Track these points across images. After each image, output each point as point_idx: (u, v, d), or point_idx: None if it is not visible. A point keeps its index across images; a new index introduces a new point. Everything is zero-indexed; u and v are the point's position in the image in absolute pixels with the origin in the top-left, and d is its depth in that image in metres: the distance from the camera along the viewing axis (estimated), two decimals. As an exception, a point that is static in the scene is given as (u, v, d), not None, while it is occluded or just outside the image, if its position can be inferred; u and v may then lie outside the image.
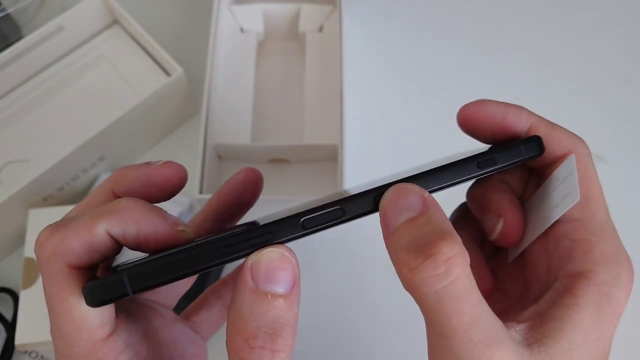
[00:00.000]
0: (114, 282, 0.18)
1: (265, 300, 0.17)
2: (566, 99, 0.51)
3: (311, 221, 0.19)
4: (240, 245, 0.19)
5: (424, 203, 0.19)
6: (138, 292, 0.18)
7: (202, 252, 0.18)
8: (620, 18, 0.54)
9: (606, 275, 0.21)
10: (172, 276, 0.18)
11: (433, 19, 0.54)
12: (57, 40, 0.47)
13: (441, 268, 0.17)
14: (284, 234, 0.19)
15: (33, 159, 0.44)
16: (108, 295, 0.18)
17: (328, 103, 0.47)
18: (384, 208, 0.19)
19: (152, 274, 0.18)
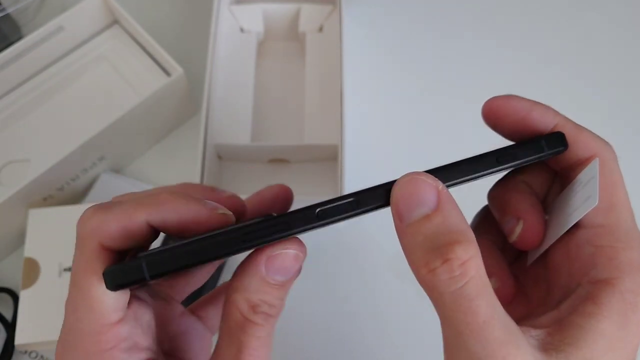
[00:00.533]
0: (132, 267, 0.19)
1: (269, 286, 0.21)
2: (566, 99, 0.50)
3: (326, 212, 0.20)
4: (258, 234, 0.19)
5: (439, 198, 0.19)
6: (155, 277, 0.19)
7: (220, 241, 0.19)
8: (622, 18, 0.54)
9: (632, 284, 0.20)
10: (190, 262, 0.19)
11: (433, 19, 0.54)
12: (57, 40, 0.47)
13: (457, 271, 0.18)
14: (299, 224, 0.20)
15: (33, 159, 0.44)
16: (126, 279, 0.19)
17: (328, 103, 0.47)
18: (396, 199, 0.20)
19: (169, 260, 0.19)
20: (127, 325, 0.21)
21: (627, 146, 0.49)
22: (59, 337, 0.22)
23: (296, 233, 0.20)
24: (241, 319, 0.21)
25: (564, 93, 0.51)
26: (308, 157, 0.46)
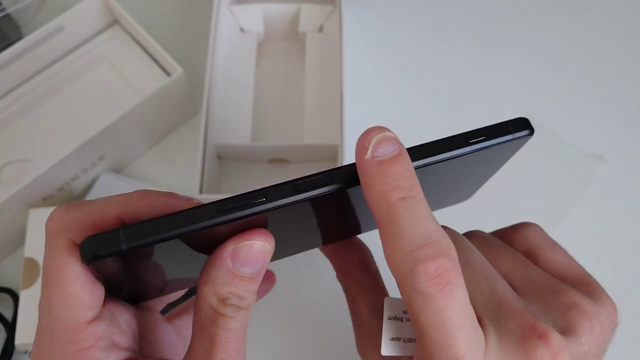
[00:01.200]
0: (109, 237, 0.19)
1: (237, 278, 0.21)
2: (566, 99, 0.51)
3: (303, 185, 0.20)
4: (233, 205, 0.19)
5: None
6: (132, 248, 0.19)
7: (197, 212, 0.19)
8: (621, 18, 0.54)
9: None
10: (166, 234, 0.19)
11: (433, 19, 0.54)
12: (57, 40, 0.47)
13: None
14: (276, 196, 0.20)
15: (33, 159, 0.44)
16: (103, 250, 0.19)
17: (328, 103, 0.47)
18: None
19: (147, 230, 0.19)
20: (103, 323, 0.21)
21: (626, 146, 0.49)
22: (34, 340, 0.22)
23: (273, 206, 0.20)
24: (211, 312, 0.21)
25: (563, 95, 0.51)
26: (308, 157, 0.46)
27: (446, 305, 0.19)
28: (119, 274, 0.21)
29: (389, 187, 0.19)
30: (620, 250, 0.44)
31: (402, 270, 0.19)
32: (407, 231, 0.19)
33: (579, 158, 0.47)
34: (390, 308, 0.23)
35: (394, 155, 0.20)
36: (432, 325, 0.19)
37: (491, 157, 0.24)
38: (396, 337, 0.23)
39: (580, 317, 0.22)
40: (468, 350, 0.19)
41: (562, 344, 0.20)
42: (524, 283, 0.23)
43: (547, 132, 0.47)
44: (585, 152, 0.47)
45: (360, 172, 0.20)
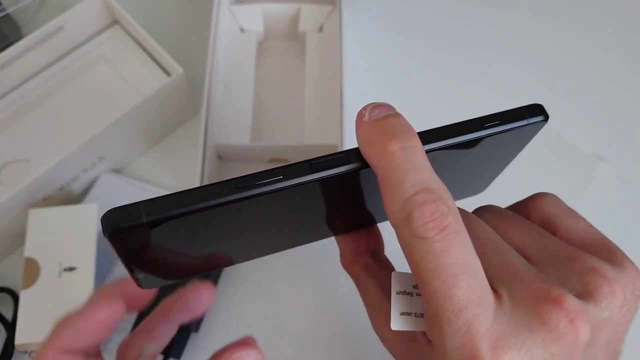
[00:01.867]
0: (131, 210, 0.19)
1: None
2: (566, 99, 0.51)
3: (320, 164, 0.21)
4: (252, 182, 0.20)
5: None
6: (152, 221, 0.19)
7: (216, 188, 0.20)
8: (620, 18, 0.54)
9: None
10: (186, 208, 0.19)
11: (433, 19, 0.54)
12: (57, 40, 0.47)
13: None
14: (294, 174, 0.20)
15: (33, 159, 0.44)
16: (124, 222, 0.19)
17: (328, 103, 0.47)
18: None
19: (167, 204, 0.19)
20: None
21: (626, 146, 0.49)
22: None
23: (290, 184, 0.20)
24: None
25: (563, 95, 0.51)
26: (308, 157, 0.46)
27: (444, 249, 0.19)
28: (142, 250, 0.22)
29: (387, 137, 0.20)
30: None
31: (400, 216, 0.19)
32: (405, 179, 0.19)
33: (579, 158, 0.47)
34: (398, 282, 0.23)
35: (391, 113, 0.21)
36: (432, 272, 0.19)
37: (505, 144, 0.24)
38: (406, 312, 0.23)
39: (599, 281, 0.21)
40: (472, 302, 0.19)
41: (579, 308, 0.19)
42: (538, 252, 0.23)
43: (547, 132, 0.47)
44: (585, 152, 0.47)
45: (359, 132, 0.21)
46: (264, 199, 0.20)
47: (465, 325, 0.19)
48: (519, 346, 0.19)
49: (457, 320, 0.19)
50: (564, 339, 0.19)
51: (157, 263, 0.24)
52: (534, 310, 0.19)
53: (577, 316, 0.19)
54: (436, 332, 0.20)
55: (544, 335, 0.19)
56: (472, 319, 0.19)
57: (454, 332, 0.19)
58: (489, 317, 0.19)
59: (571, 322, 0.19)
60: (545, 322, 0.19)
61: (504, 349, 0.19)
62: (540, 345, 0.19)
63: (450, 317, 0.19)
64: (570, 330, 0.19)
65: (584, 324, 0.19)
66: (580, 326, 0.19)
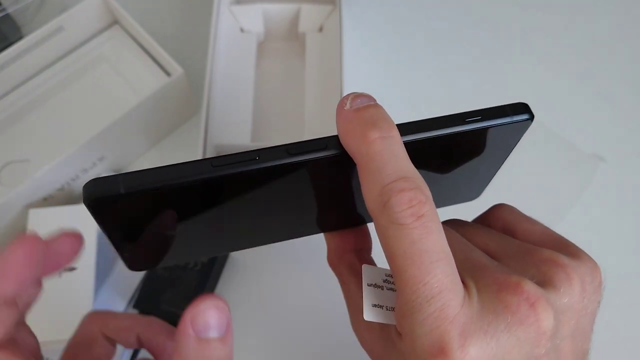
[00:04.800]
0: (110, 181, 0.20)
1: (206, 345, 0.20)
2: (566, 99, 0.51)
3: (296, 148, 0.21)
4: (228, 160, 0.20)
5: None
6: (129, 193, 0.20)
7: (194, 165, 0.20)
8: (620, 18, 0.55)
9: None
10: (162, 183, 0.20)
11: (433, 19, 0.54)
12: (57, 40, 0.47)
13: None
14: (269, 157, 0.20)
15: (33, 159, 0.44)
16: (102, 192, 0.20)
17: (328, 103, 0.47)
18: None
19: (144, 178, 0.20)
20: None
21: (627, 146, 0.49)
22: None
23: (264, 166, 0.20)
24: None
25: (563, 95, 0.51)
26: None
27: (421, 236, 0.19)
28: (123, 224, 0.22)
29: (367, 126, 0.20)
30: (621, 250, 0.44)
31: (378, 203, 0.20)
32: (384, 167, 0.20)
33: (579, 158, 0.47)
34: (368, 275, 0.24)
35: (371, 103, 0.21)
36: (409, 258, 0.19)
37: (492, 145, 0.24)
38: (378, 304, 0.23)
39: (555, 269, 0.22)
40: (445, 288, 0.19)
41: (539, 293, 0.20)
42: (500, 251, 0.24)
43: (548, 132, 0.47)
44: (585, 152, 0.47)
45: (340, 121, 0.21)
46: (240, 181, 0.21)
47: (436, 311, 0.19)
48: (484, 329, 0.19)
49: (429, 307, 0.19)
50: (526, 322, 0.20)
51: (141, 242, 0.24)
52: (497, 295, 0.20)
53: (537, 300, 0.20)
54: (407, 320, 0.20)
55: (507, 319, 0.20)
56: (443, 305, 0.19)
57: (424, 318, 0.19)
58: (459, 303, 0.19)
59: (532, 306, 0.20)
60: (507, 305, 0.20)
61: (471, 332, 0.19)
62: (505, 329, 0.19)
63: (422, 303, 0.19)
64: (532, 314, 0.20)
65: (545, 308, 0.20)
66: (541, 310, 0.20)
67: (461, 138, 0.22)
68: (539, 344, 0.20)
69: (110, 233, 0.23)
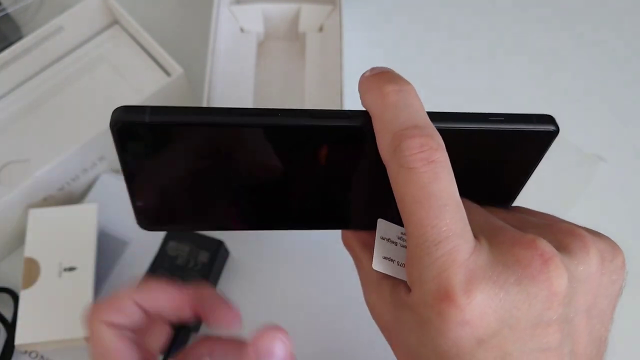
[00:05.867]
0: (137, 109, 0.21)
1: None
2: (566, 99, 0.51)
3: (319, 113, 0.21)
4: (249, 112, 0.21)
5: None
6: (154, 123, 0.21)
7: (217, 111, 0.21)
8: (620, 19, 0.55)
9: None
10: (185, 120, 0.21)
11: (433, 19, 0.54)
12: (57, 40, 0.47)
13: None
14: (290, 115, 0.21)
15: (33, 159, 0.44)
16: (128, 117, 0.21)
17: (328, 103, 0.47)
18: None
19: (171, 112, 0.21)
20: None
21: (627, 146, 0.49)
22: None
23: (286, 123, 0.21)
24: None
25: (563, 95, 0.51)
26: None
27: (430, 180, 0.19)
28: (143, 161, 0.23)
29: (383, 82, 0.21)
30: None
31: (390, 149, 0.20)
32: (397, 116, 0.20)
33: (579, 158, 0.47)
34: (383, 229, 0.24)
35: (389, 69, 0.22)
36: (417, 202, 0.19)
37: (514, 152, 0.24)
38: (389, 257, 0.23)
39: (572, 237, 0.21)
40: (454, 233, 0.19)
41: (553, 252, 0.19)
42: (519, 223, 0.23)
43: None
44: (585, 152, 0.47)
45: (360, 86, 0.22)
46: (259, 138, 0.21)
47: (444, 255, 0.19)
48: (493, 279, 0.19)
49: (437, 250, 0.19)
50: (538, 278, 0.19)
51: (156, 190, 0.24)
52: (510, 250, 0.20)
53: (551, 258, 0.19)
54: (415, 267, 0.20)
55: (518, 272, 0.19)
56: (451, 250, 0.19)
57: (432, 261, 0.19)
58: (468, 250, 0.19)
59: (545, 262, 0.19)
60: (519, 259, 0.19)
61: (478, 279, 0.19)
62: (515, 282, 0.19)
63: (430, 247, 0.19)
64: (545, 270, 0.19)
65: (558, 266, 0.19)
66: (554, 268, 0.19)
67: (482, 138, 0.22)
68: (550, 306, 0.19)
69: (129, 167, 0.23)
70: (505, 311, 0.19)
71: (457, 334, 0.18)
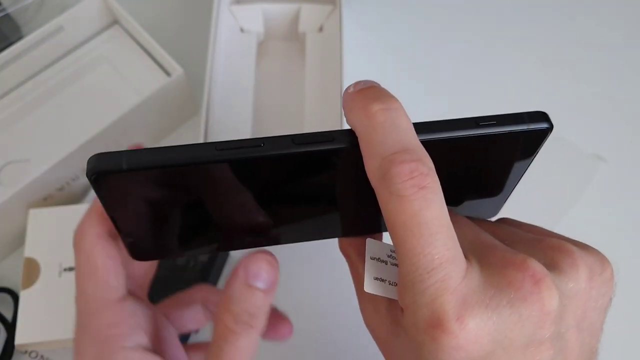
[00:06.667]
0: (113, 157, 0.20)
1: (251, 291, 0.23)
2: (566, 99, 0.51)
3: (302, 138, 0.21)
4: (231, 145, 0.20)
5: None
6: (130, 169, 0.20)
7: (198, 147, 0.20)
8: (620, 19, 0.55)
9: None
10: (164, 162, 0.20)
11: (433, 19, 0.54)
12: (57, 40, 0.47)
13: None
14: (274, 146, 0.21)
15: (33, 159, 0.44)
16: (105, 166, 0.20)
17: (328, 103, 0.47)
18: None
19: (147, 155, 0.20)
20: (129, 304, 0.26)
21: (626, 146, 0.49)
22: (75, 329, 0.26)
23: (269, 154, 0.21)
24: (223, 329, 0.24)
25: (563, 95, 0.51)
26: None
27: (422, 208, 0.19)
28: (125, 205, 0.22)
29: (369, 100, 0.20)
30: (620, 250, 0.44)
31: (379, 174, 0.19)
32: (385, 138, 0.20)
33: (579, 158, 0.47)
34: (371, 249, 0.23)
35: (374, 83, 0.22)
36: (409, 230, 0.19)
37: (507, 154, 0.23)
38: (380, 278, 0.23)
39: (561, 254, 0.21)
40: (446, 260, 0.19)
41: (544, 273, 0.20)
42: (508, 237, 0.23)
43: (547, 132, 0.47)
44: (585, 152, 0.47)
45: (344, 102, 0.21)
46: (243, 168, 0.21)
47: (436, 282, 0.19)
48: (486, 303, 0.19)
49: (429, 278, 0.19)
50: (530, 299, 0.19)
51: (144, 227, 0.24)
52: (502, 271, 0.20)
53: (542, 279, 0.19)
54: (408, 293, 0.20)
55: (510, 294, 0.19)
56: (443, 277, 0.19)
57: (425, 288, 0.19)
58: (460, 275, 0.19)
59: (536, 283, 0.19)
60: (511, 281, 0.19)
61: (471, 304, 0.19)
62: (507, 305, 0.19)
63: (423, 274, 0.19)
64: (536, 291, 0.19)
65: (549, 287, 0.19)
66: (545, 288, 0.19)
67: (473, 144, 0.21)
68: (542, 325, 0.19)
69: (112, 211, 0.22)
70: (499, 333, 0.19)
71: (452, 358, 0.19)
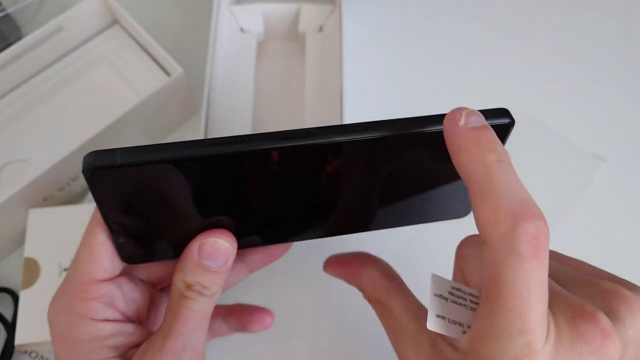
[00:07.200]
0: (108, 153, 0.21)
1: (202, 270, 0.25)
2: (566, 99, 0.51)
3: (284, 134, 0.22)
4: (219, 141, 0.21)
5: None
6: (124, 164, 0.21)
7: (186, 145, 0.21)
8: (621, 17, 0.55)
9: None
10: (156, 158, 0.21)
11: (433, 18, 0.54)
12: (57, 40, 0.47)
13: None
14: (258, 140, 0.22)
15: (33, 159, 0.44)
16: (100, 162, 0.21)
17: (328, 103, 0.47)
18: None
19: (141, 151, 0.21)
20: (111, 287, 0.26)
21: (626, 146, 0.49)
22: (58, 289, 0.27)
23: (254, 148, 0.21)
24: (178, 295, 0.25)
25: (563, 95, 0.51)
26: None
27: (536, 272, 0.19)
28: (119, 202, 0.23)
29: (485, 149, 0.20)
30: (620, 250, 0.44)
31: (502, 228, 0.19)
32: (506, 190, 0.20)
33: (579, 158, 0.47)
34: (436, 285, 0.23)
35: (486, 125, 0.21)
36: (517, 291, 0.19)
37: None
38: (441, 315, 0.23)
39: (619, 301, 0.22)
40: (539, 324, 0.19)
41: (611, 326, 0.21)
42: (561, 276, 0.24)
43: (548, 132, 0.47)
44: (585, 152, 0.47)
45: (454, 137, 0.21)
46: (232, 166, 0.21)
47: (524, 344, 0.19)
48: (561, 357, 0.20)
49: (519, 339, 0.19)
50: (599, 353, 0.20)
51: (136, 228, 0.24)
52: (572, 322, 0.21)
53: (610, 334, 0.20)
54: (491, 344, 0.20)
55: (582, 347, 0.20)
56: (531, 339, 0.19)
57: (511, 347, 0.19)
58: (544, 339, 0.20)
59: (605, 338, 0.20)
60: (581, 333, 0.20)
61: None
62: (579, 356, 0.20)
63: (512, 334, 0.19)
64: (605, 345, 0.20)
65: (615, 341, 0.21)
66: (610, 343, 0.20)
67: (439, 140, 0.22)
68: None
69: (105, 209, 0.23)
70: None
71: None
